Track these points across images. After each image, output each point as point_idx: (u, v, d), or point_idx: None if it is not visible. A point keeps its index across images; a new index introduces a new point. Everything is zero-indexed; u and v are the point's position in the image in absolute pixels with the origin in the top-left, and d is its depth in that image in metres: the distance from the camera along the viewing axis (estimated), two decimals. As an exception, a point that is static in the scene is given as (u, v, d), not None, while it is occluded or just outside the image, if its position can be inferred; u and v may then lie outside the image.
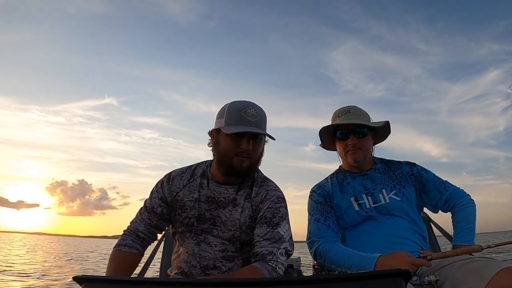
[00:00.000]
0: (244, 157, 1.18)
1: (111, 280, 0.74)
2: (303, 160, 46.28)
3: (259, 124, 1.17)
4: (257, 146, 1.20)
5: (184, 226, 1.26)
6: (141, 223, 1.28)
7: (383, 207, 1.43)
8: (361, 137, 1.47)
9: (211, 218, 1.24)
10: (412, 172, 1.52)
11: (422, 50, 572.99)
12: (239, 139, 1.16)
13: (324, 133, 1.57)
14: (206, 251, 1.22)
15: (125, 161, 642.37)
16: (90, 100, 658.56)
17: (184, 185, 1.29)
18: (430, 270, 1.18)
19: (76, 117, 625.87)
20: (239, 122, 1.15)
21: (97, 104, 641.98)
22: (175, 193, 1.28)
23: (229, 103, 1.23)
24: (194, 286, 0.64)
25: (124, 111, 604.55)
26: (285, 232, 1.17)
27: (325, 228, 1.43)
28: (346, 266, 1.25)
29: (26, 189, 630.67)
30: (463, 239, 1.37)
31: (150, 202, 1.30)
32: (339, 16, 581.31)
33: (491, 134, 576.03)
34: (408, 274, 0.60)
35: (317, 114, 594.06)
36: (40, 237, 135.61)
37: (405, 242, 1.36)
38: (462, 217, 1.43)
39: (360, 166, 1.54)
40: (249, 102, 1.21)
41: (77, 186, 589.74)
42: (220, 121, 1.21)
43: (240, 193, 1.25)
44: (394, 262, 1.13)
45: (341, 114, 1.51)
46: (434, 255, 1.16)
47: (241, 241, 1.23)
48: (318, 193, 1.55)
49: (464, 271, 1.05)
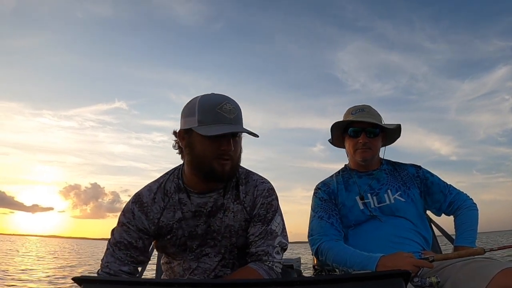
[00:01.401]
0: (226, 160, 1.03)
1: (110, 281, 0.74)
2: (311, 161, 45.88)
3: (237, 120, 1.03)
4: (237, 145, 1.06)
5: (175, 247, 1.13)
6: (123, 263, 1.06)
7: (387, 207, 1.43)
8: (372, 136, 1.47)
9: (203, 233, 1.12)
10: (417, 174, 1.53)
11: (428, 48, 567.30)
12: (218, 139, 1.01)
13: (335, 129, 1.57)
14: (205, 263, 1.15)
15: (136, 164, 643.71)
16: (100, 104, 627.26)
17: (163, 208, 1.10)
18: (431, 271, 1.18)
19: (87, 121, 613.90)
20: (215, 120, 0.99)
21: (108, 108, 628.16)
22: (156, 220, 1.09)
23: (198, 97, 1.05)
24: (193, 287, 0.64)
25: (134, 114, 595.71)
26: (277, 226, 1.12)
27: (328, 226, 1.43)
28: (347, 265, 1.26)
29: (41, 193, 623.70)
30: (466, 241, 1.38)
31: (125, 237, 1.07)
32: (344, 15, 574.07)
33: (501, 131, 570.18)
34: (408, 275, 0.60)
35: (325, 114, 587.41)
36: (55, 240, 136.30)
37: (408, 243, 1.36)
38: (465, 219, 1.44)
39: (367, 165, 1.54)
40: (222, 96, 1.05)
41: (90, 189, 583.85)
42: (190, 120, 1.02)
43: (227, 197, 1.13)
44: (396, 262, 1.14)
45: (355, 111, 1.51)
46: (436, 257, 1.16)
47: (239, 246, 1.15)
48: (323, 190, 1.55)
49: (465, 271, 1.06)
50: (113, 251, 1.07)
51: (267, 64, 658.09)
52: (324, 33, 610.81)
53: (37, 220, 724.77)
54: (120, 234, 1.08)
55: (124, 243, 1.07)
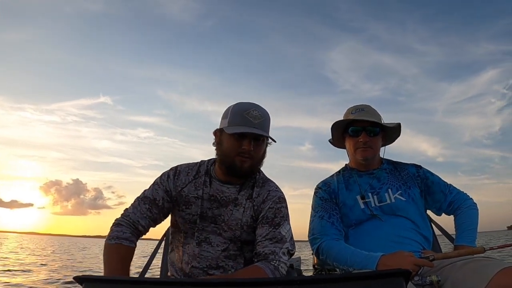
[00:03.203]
0: (246, 158, 1.19)
1: (112, 280, 0.74)
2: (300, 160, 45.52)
3: (261, 126, 1.19)
4: (259, 147, 1.22)
5: (186, 223, 1.25)
6: (142, 216, 1.23)
7: (388, 207, 1.44)
8: (372, 135, 1.48)
9: (212, 216, 1.24)
10: (418, 174, 1.53)
11: (419, 50, 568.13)
12: (241, 139, 1.18)
13: (335, 129, 1.57)
14: (207, 251, 1.22)
15: (120, 160, 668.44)
16: (84, 98, 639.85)
17: (189, 181, 1.28)
18: (432, 270, 1.19)
19: (70, 116, 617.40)
20: (241, 123, 1.17)
21: (92, 103, 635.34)
22: (180, 188, 1.27)
23: (234, 104, 1.24)
24: (195, 286, 0.64)
25: (119, 110, 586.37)
26: (287, 233, 1.18)
27: (329, 226, 1.44)
28: (348, 264, 1.26)
29: (20, 189, 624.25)
30: (466, 240, 1.39)
31: (152, 193, 1.26)
32: (338, 15, 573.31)
33: (487, 134, 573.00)
34: (408, 274, 0.60)
35: (314, 113, 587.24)
36: (33, 237, 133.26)
37: (408, 242, 1.37)
38: (465, 218, 1.45)
39: (368, 165, 1.55)
40: (253, 104, 1.23)
41: (72, 185, 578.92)
42: (224, 122, 1.23)
43: (241, 193, 1.26)
44: (396, 261, 1.14)
45: (354, 111, 1.52)
46: (436, 256, 1.17)
47: (242, 240, 1.23)
48: (323, 190, 1.56)
49: (465, 271, 1.06)
50: (138, 204, 1.25)
51: (258, 63, 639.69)
52: (317, 33, 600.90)
53: (15, 217, 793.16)
54: (150, 191, 1.27)
55: (149, 199, 1.25)
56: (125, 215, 1.23)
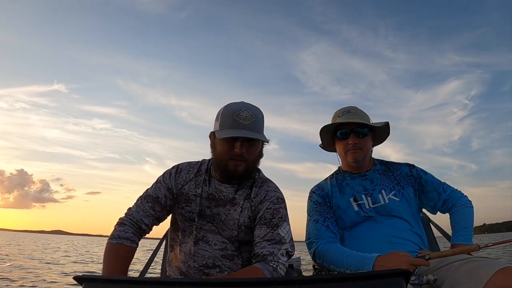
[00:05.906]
0: (239, 161, 1.17)
1: (112, 280, 0.74)
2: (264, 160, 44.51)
3: (252, 127, 1.16)
4: (252, 149, 1.20)
5: (185, 221, 1.26)
6: (146, 215, 1.23)
7: (382, 208, 1.44)
8: (361, 137, 1.48)
9: (210, 215, 1.24)
10: (411, 173, 1.53)
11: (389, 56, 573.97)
12: (233, 142, 1.16)
13: (324, 133, 1.57)
14: (204, 250, 1.21)
15: (71, 151, 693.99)
16: (36, 85, 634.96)
17: (190, 179, 1.29)
18: (428, 270, 1.19)
19: (19, 103, 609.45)
20: (232, 125, 1.14)
21: (44, 90, 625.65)
22: (180, 186, 1.28)
23: (225, 105, 1.22)
24: (194, 285, 0.64)
25: (74, 98, 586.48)
26: (286, 234, 1.16)
27: (324, 229, 1.44)
28: (344, 266, 1.26)
29: None
30: (462, 238, 1.39)
31: (154, 192, 1.27)
32: (312, 17, 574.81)
33: (447, 143, 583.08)
34: (409, 274, 0.60)
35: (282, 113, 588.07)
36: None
37: (404, 243, 1.36)
38: (461, 216, 1.45)
39: (360, 166, 1.54)
40: (244, 104, 1.20)
41: (16, 176, 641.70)
42: (216, 125, 1.21)
43: (239, 193, 1.26)
44: (392, 262, 1.14)
45: (341, 114, 1.52)
46: (432, 255, 1.17)
47: (240, 240, 1.23)
48: (317, 194, 1.56)
49: (463, 271, 1.06)
50: (141, 203, 1.26)
51: (228, 58, 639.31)
52: (289, 32, 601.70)
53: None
54: (152, 189, 1.28)
55: (152, 197, 1.26)
56: (128, 214, 1.24)
